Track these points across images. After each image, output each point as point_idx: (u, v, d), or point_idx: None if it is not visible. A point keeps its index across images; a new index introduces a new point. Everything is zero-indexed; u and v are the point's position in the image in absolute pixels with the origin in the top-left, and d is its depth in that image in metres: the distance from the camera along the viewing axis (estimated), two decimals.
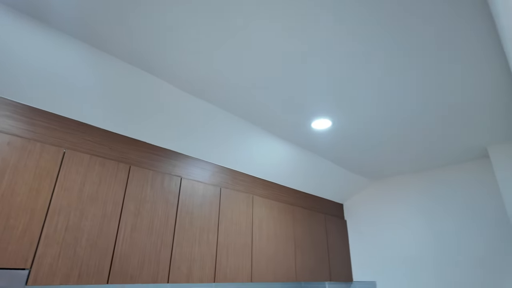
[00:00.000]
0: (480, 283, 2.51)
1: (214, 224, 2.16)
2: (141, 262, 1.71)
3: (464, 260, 2.63)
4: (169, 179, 2.00)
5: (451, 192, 2.86)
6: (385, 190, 3.31)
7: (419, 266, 2.86)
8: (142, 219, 1.79)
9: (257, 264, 2.34)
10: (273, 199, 2.78)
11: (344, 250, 3.31)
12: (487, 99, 1.89)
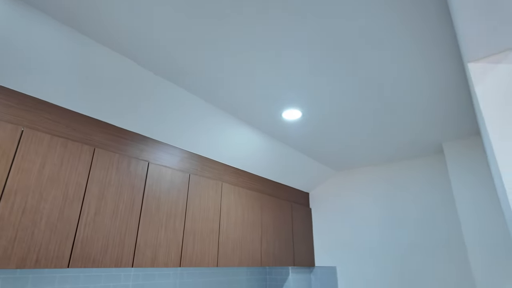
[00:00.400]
0: (433, 271, 2.75)
1: (182, 210, 2.16)
2: (105, 247, 1.68)
3: (419, 249, 2.86)
4: (136, 163, 1.96)
5: (409, 185, 3.07)
6: (348, 180, 3.48)
7: (377, 253, 3.06)
8: (106, 203, 1.75)
9: (223, 249, 2.38)
10: (242, 186, 2.82)
11: (308, 236, 3.45)
12: (443, 98, 2.04)
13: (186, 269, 2.46)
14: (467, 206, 2.47)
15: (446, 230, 2.75)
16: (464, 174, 2.55)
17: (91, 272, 1.89)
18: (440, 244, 2.74)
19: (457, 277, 2.60)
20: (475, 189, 2.47)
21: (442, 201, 2.84)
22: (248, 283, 2.99)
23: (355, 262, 3.16)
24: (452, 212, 2.76)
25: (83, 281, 1.84)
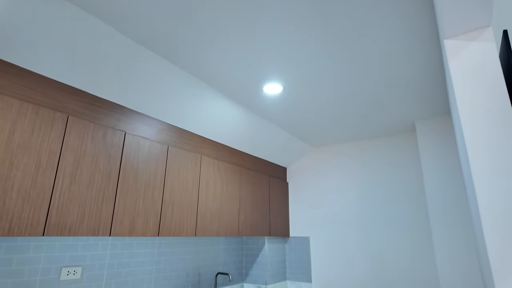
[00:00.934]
0: (398, 243, 2.95)
1: (160, 181, 2.15)
2: (81, 215, 1.67)
3: (387, 222, 3.04)
4: (112, 133, 1.91)
5: (381, 161, 3.21)
6: (324, 156, 3.58)
7: (347, 224, 3.23)
8: (82, 172, 1.71)
9: (202, 220, 2.42)
10: (221, 160, 2.83)
11: (284, 209, 3.57)
12: (419, 77, 2.10)
13: (165, 239, 2.49)
14: (433, 184, 2.63)
15: (413, 205, 2.93)
16: (433, 152, 2.70)
17: (67, 241, 1.88)
18: (406, 218, 2.93)
19: (420, 249, 2.81)
20: (442, 167, 2.63)
21: (412, 178, 3.00)
22: (225, 252, 3.09)
23: (327, 233, 3.33)
24: (420, 189, 2.94)
25: (59, 249, 1.83)
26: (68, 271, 1.85)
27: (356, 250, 3.12)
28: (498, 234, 0.83)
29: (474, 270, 2.32)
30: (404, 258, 2.86)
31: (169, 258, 2.50)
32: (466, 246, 2.39)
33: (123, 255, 2.16)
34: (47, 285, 1.75)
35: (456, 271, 2.38)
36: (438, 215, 2.54)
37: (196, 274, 2.72)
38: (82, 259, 1.93)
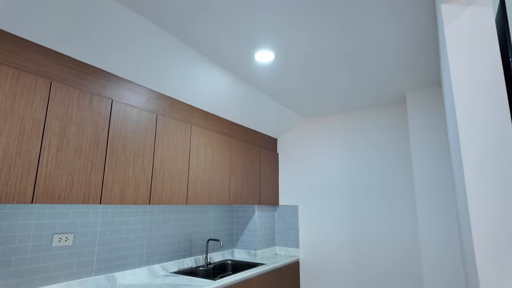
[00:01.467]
0: (383, 212, 3.06)
1: (150, 150, 2.14)
2: (70, 184, 1.66)
3: (373, 192, 3.13)
4: (99, 100, 1.86)
5: (371, 133, 3.24)
6: (315, 128, 3.59)
7: (335, 194, 3.32)
8: (69, 140, 1.68)
9: (193, 189, 2.44)
10: (212, 130, 2.81)
11: (274, 179, 3.63)
12: (412, 45, 2.07)
13: (156, 207, 2.52)
14: (420, 154, 2.69)
15: (400, 175, 3.01)
16: (422, 124, 2.73)
17: (57, 208, 1.88)
18: (392, 187, 3.02)
19: (404, 218, 2.93)
20: (430, 139, 2.68)
21: (400, 149, 3.06)
22: (216, 220, 3.17)
23: (315, 202, 3.42)
24: (407, 160, 3.01)
25: (49, 217, 1.84)
26: (60, 238, 1.86)
27: (342, 217, 3.23)
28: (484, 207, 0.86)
29: (453, 238, 2.45)
30: (388, 225, 2.98)
31: (161, 225, 2.54)
32: (447, 215, 2.50)
33: (114, 222, 2.19)
34: (39, 251, 1.77)
35: (436, 238, 2.51)
36: (423, 185, 2.63)
37: (187, 240, 2.79)
38: (73, 226, 1.95)
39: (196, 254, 2.86)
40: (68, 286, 1.86)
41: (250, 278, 2.57)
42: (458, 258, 2.41)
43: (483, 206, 0.86)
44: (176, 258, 2.65)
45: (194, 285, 2.13)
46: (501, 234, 0.82)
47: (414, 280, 2.78)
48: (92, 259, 2.02)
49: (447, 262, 2.44)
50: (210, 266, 2.85)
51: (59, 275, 1.84)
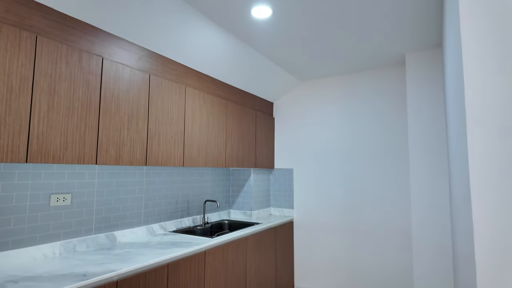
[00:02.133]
0: (374, 172, 3.11)
1: (144, 112, 2.09)
2: (64, 144, 1.63)
3: (368, 155, 3.16)
4: (88, 58, 1.77)
5: (368, 95, 3.20)
6: (311, 91, 3.54)
7: (329, 157, 3.36)
8: (60, 99, 1.62)
9: (189, 151, 2.44)
10: (207, 92, 2.75)
11: (270, 143, 3.64)
12: (408, 3, 1.98)
13: (152, 169, 2.53)
14: (416, 118, 2.69)
15: (395, 139, 3.03)
16: (420, 86, 2.70)
17: (52, 169, 1.87)
18: (387, 151, 3.06)
19: (397, 180, 2.99)
20: (427, 100, 2.66)
21: (396, 112, 3.05)
22: (213, 182, 3.21)
23: (310, 165, 3.47)
24: (403, 123, 3.01)
25: (45, 177, 1.83)
26: (58, 197, 1.88)
27: (336, 179, 3.30)
28: (485, 159, 0.86)
29: (443, 198, 2.52)
30: (381, 185, 3.06)
31: (158, 187, 2.57)
32: (439, 176, 2.55)
33: (111, 183, 2.20)
34: (38, 210, 1.79)
35: (426, 197, 2.59)
36: (417, 146, 2.66)
37: (185, 201, 2.84)
38: (70, 187, 1.95)
39: (193, 214, 2.93)
40: (68, 243, 1.91)
41: (246, 236, 2.66)
42: (446, 217, 2.51)
43: (484, 157, 0.86)
44: (174, 218, 2.72)
45: (193, 242, 2.20)
46: (502, 185, 0.83)
47: (403, 235, 2.91)
48: (91, 218, 2.06)
49: (435, 220, 2.54)
50: (207, 225, 2.94)
51: (59, 233, 1.88)
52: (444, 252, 2.50)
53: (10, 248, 1.66)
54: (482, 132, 0.81)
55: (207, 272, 2.19)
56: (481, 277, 0.82)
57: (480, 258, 0.82)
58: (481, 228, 0.80)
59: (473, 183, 0.80)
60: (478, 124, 0.83)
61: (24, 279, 1.44)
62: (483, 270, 0.81)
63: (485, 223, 0.79)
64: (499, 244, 0.79)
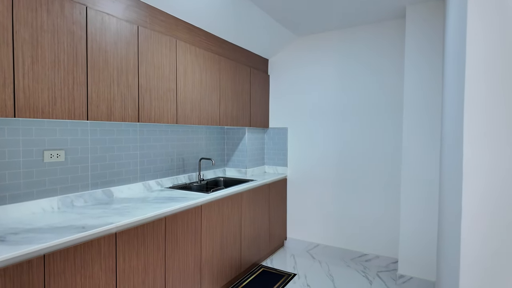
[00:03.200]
0: (368, 131, 3.12)
1: (134, 66, 2.02)
2: (52, 98, 1.58)
3: (362, 112, 3.15)
4: (71, 6, 1.66)
5: (366, 51, 3.11)
6: (308, 47, 3.42)
7: (324, 116, 3.35)
8: (43, 51, 1.55)
9: (182, 109, 2.40)
10: (199, 46, 2.64)
11: (264, 101, 3.59)
12: None
13: (146, 126, 2.51)
14: (414, 75, 2.64)
15: (391, 97, 3.00)
16: (420, 39, 2.62)
17: (43, 125, 1.84)
18: (382, 109, 3.04)
19: (390, 136, 3.02)
20: (425, 56, 2.60)
21: (393, 70, 2.99)
22: (207, 141, 3.22)
23: (305, 124, 3.47)
24: (399, 82, 2.96)
25: (37, 133, 1.81)
26: (51, 154, 1.87)
27: (330, 137, 3.32)
28: (479, 106, 0.85)
29: (434, 156, 2.57)
30: (373, 145, 3.10)
31: (152, 144, 2.57)
32: (431, 134, 2.58)
33: (105, 140, 2.19)
34: (32, 166, 1.79)
35: (417, 154, 2.64)
36: (412, 107, 2.65)
37: (180, 159, 2.86)
38: (63, 143, 1.94)
39: (189, 171, 2.97)
40: (66, 198, 1.94)
41: (241, 192, 2.73)
42: (436, 173, 2.58)
43: (478, 106, 0.86)
44: (170, 175, 2.76)
45: (189, 197, 2.26)
46: (494, 133, 0.83)
47: (393, 191, 3.02)
48: (86, 174, 2.07)
49: (425, 175, 2.62)
50: (203, 182, 3.00)
51: (56, 189, 1.90)
52: (431, 207, 2.61)
53: (8, 203, 1.68)
54: (481, 86, 0.79)
55: (203, 225, 2.27)
56: (466, 223, 0.86)
57: (467, 207, 0.84)
58: (471, 180, 0.82)
59: (467, 131, 0.80)
60: (477, 78, 0.81)
61: (24, 231, 1.48)
62: (469, 220, 0.85)
63: (476, 174, 0.81)
64: (488, 195, 0.82)
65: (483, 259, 0.78)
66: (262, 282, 2.74)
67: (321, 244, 3.40)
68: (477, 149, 0.83)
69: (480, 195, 0.82)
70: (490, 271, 0.78)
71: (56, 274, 1.38)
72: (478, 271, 0.80)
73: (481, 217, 0.79)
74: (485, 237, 0.78)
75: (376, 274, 2.94)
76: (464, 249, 0.80)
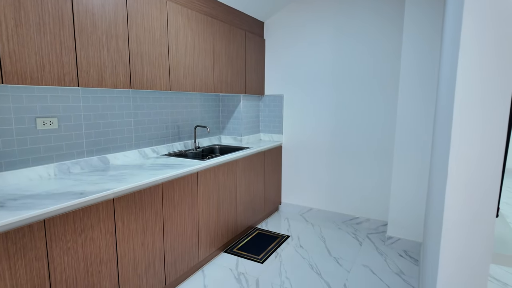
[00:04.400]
0: (365, 95, 3.10)
1: (123, 30, 1.94)
2: (40, 64, 1.54)
3: (358, 80, 3.11)
4: None
5: (364, 17, 3.00)
6: (304, 10, 3.29)
7: (320, 83, 3.30)
8: (27, 13, 1.47)
9: (175, 74, 2.35)
10: (191, 8, 2.53)
11: (260, 67, 3.52)
12: None
13: (139, 93, 2.47)
14: (411, 41, 2.58)
15: (388, 62, 2.95)
16: (419, 4, 2.52)
17: (33, 92, 1.80)
18: (377, 78, 3.00)
19: (385, 104, 3.01)
20: (425, 23, 2.52)
21: (392, 34, 2.90)
22: (202, 108, 3.19)
23: (301, 91, 3.43)
24: (396, 49, 2.89)
25: (27, 101, 1.78)
26: (44, 121, 1.85)
27: (326, 104, 3.31)
28: (473, 72, 0.84)
29: (427, 123, 2.59)
30: (368, 112, 3.10)
31: (146, 111, 2.54)
32: (426, 102, 2.57)
33: (97, 107, 2.16)
34: (26, 133, 1.78)
35: (411, 120, 2.65)
36: (408, 74, 2.62)
37: (175, 126, 2.86)
38: (55, 111, 1.91)
39: (184, 139, 2.98)
40: (62, 165, 1.95)
41: (236, 159, 2.76)
42: (428, 143, 2.61)
43: (472, 69, 0.85)
44: (166, 142, 2.77)
45: (185, 164, 2.28)
46: (486, 100, 0.84)
47: (385, 158, 3.08)
48: (81, 142, 2.07)
49: (417, 142, 2.66)
50: (199, 149, 3.02)
51: (51, 156, 1.91)
52: (422, 173, 2.67)
53: (4, 170, 1.70)
54: (474, 51, 0.78)
55: (200, 190, 2.33)
56: (450, 187, 0.89)
57: (452, 172, 0.87)
58: (457, 141, 0.84)
59: (458, 97, 0.81)
60: (470, 44, 0.79)
61: (23, 197, 1.50)
62: (452, 184, 0.88)
63: (465, 139, 0.82)
64: (473, 161, 0.84)
65: (463, 221, 0.82)
66: (258, 243, 2.87)
67: (314, 208, 3.52)
68: (465, 116, 0.83)
69: (466, 161, 0.85)
70: (469, 232, 0.83)
71: (57, 238, 1.43)
72: (458, 232, 0.84)
73: (462, 182, 0.82)
74: (465, 201, 0.82)
75: (366, 235, 3.08)
76: (447, 212, 0.84)
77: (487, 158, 0.79)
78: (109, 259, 1.68)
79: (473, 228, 0.82)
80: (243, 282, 2.28)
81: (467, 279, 0.86)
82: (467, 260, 0.85)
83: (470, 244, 0.83)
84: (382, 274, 2.40)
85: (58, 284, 1.44)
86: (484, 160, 0.79)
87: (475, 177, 0.80)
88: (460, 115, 0.81)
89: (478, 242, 0.82)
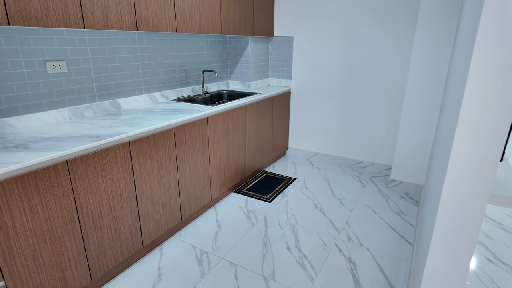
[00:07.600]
0: (376, 40, 2.95)
1: None
2: (44, 4, 1.48)
3: (371, 22, 2.93)
4: None
5: None
6: None
7: (333, 23, 3.13)
8: None
9: (181, 15, 2.25)
10: None
11: (269, 5, 3.31)
12: None
13: (145, 35, 2.40)
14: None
15: (403, 8, 2.75)
16: None
17: (39, 34, 1.76)
18: (392, 21, 2.82)
19: (398, 49, 2.87)
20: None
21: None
22: (209, 51, 3.10)
23: (312, 32, 3.27)
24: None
25: (34, 43, 1.75)
26: (53, 65, 1.84)
27: (337, 48, 3.18)
28: None
29: (440, 75, 2.50)
30: (380, 57, 2.98)
31: (153, 54, 2.49)
32: (442, 49, 2.45)
33: (104, 50, 2.12)
34: (37, 77, 1.79)
35: (425, 71, 2.57)
36: (427, 16, 2.45)
37: (182, 70, 2.82)
38: (63, 54, 1.89)
39: (192, 84, 2.96)
40: (75, 109, 2.00)
41: (245, 105, 2.77)
42: (440, 87, 2.56)
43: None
44: (174, 87, 2.76)
45: (195, 109, 2.31)
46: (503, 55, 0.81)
47: (395, 104, 3.05)
48: (92, 86, 2.08)
49: (429, 89, 2.61)
50: (207, 95, 3.02)
51: (64, 100, 1.94)
52: (431, 118, 2.67)
53: (21, 113, 1.75)
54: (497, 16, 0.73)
55: (210, 135, 2.39)
56: (459, 131, 0.90)
57: (463, 116, 0.88)
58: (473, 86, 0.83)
59: (477, 46, 0.78)
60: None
61: (43, 140, 1.57)
62: (462, 127, 0.89)
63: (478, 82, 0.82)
64: (485, 103, 0.84)
65: (469, 164, 0.86)
66: (265, 184, 3.02)
67: (320, 153, 3.61)
68: (482, 59, 0.82)
69: (478, 103, 0.85)
70: (474, 174, 0.87)
71: (80, 177, 1.53)
72: (463, 175, 0.89)
73: (472, 124, 0.84)
74: (472, 144, 0.84)
75: (369, 178, 3.21)
76: (453, 155, 0.87)
77: (499, 102, 0.79)
78: (128, 196, 1.81)
79: (476, 169, 0.85)
80: (252, 218, 2.46)
81: (464, 214, 0.93)
82: (466, 200, 0.90)
83: (471, 185, 0.88)
84: (382, 213, 2.55)
85: (85, 217, 1.59)
86: (495, 104, 0.80)
87: (485, 120, 0.82)
88: (478, 58, 0.80)
89: (478, 182, 0.87)
